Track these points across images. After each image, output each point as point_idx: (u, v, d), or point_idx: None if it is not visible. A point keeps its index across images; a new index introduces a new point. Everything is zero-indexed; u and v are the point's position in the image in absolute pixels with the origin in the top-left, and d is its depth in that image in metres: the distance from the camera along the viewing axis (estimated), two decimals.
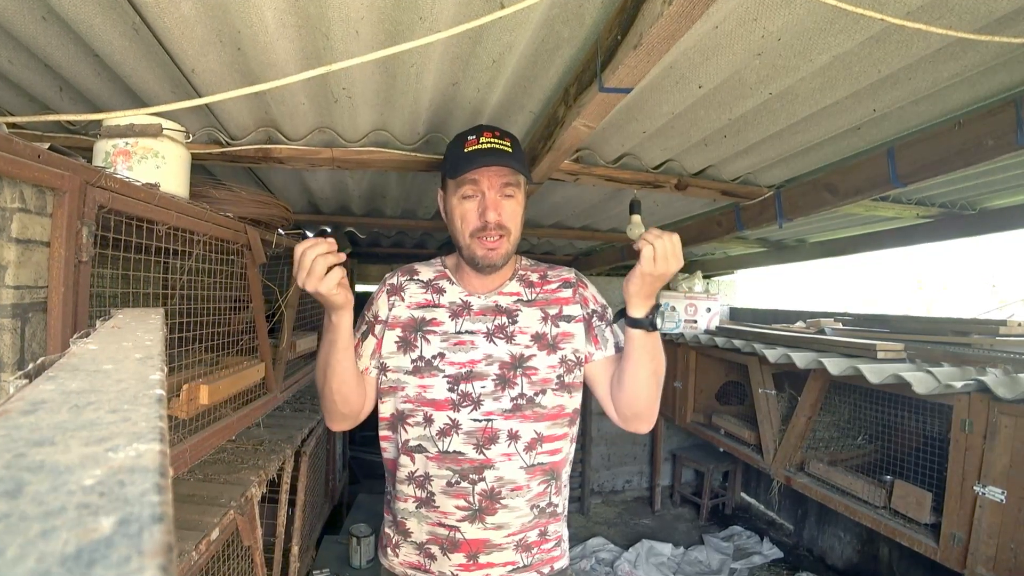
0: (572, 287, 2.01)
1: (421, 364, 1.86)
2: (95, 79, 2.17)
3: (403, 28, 1.75)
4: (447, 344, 1.87)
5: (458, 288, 1.98)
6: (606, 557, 5.66)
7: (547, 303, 1.96)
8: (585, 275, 2.14)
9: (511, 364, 1.85)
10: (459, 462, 1.80)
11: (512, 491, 1.81)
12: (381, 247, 6.59)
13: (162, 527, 0.29)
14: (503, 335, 1.88)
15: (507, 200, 1.83)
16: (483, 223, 1.80)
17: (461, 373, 1.84)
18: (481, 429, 1.80)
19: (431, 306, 1.95)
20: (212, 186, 2.35)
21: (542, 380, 1.86)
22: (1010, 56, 1.83)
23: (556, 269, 2.08)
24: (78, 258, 1.33)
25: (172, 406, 1.75)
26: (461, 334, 1.89)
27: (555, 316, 1.94)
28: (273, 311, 2.81)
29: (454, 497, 1.80)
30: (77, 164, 1.32)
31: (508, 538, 1.82)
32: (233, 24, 1.74)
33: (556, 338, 1.91)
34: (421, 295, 1.97)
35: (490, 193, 1.79)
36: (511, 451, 1.81)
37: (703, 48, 1.87)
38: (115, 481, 0.33)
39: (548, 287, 2.00)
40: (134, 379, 0.57)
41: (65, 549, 0.26)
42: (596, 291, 2.07)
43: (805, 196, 3.05)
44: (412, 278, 2.02)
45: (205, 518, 1.98)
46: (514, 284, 1.99)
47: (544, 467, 1.86)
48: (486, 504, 1.80)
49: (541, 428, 1.85)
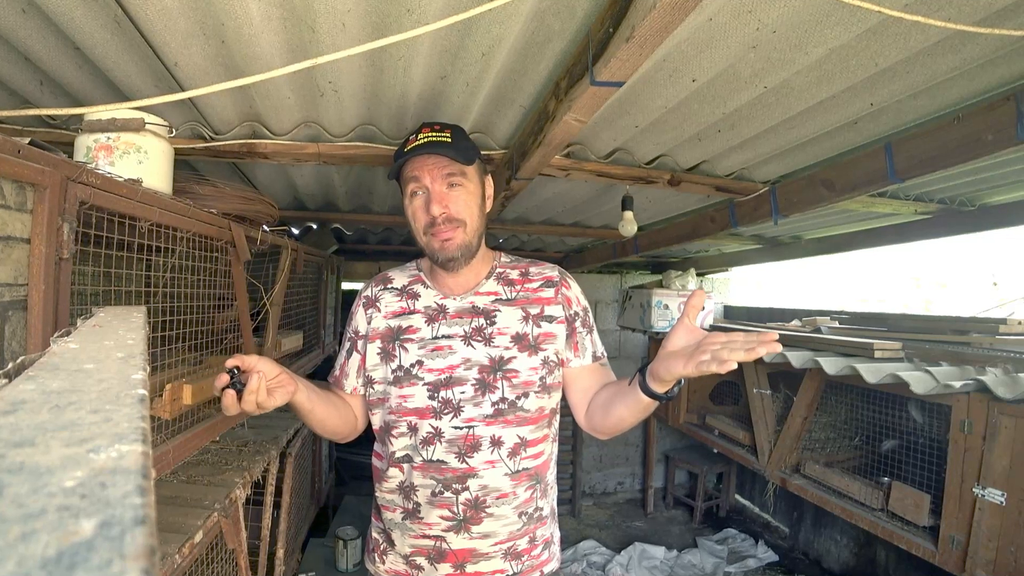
0: (555, 286, 1.97)
1: (400, 373, 1.86)
2: (76, 73, 2.16)
3: (390, 21, 1.75)
4: (424, 351, 1.86)
5: (432, 291, 1.97)
6: (598, 560, 5.67)
7: (528, 302, 1.94)
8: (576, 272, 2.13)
9: (490, 367, 1.83)
10: (442, 471, 1.79)
11: (497, 499, 1.80)
12: (368, 244, 6.58)
13: (145, 530, 0.29)
14: (481, 337, 1.87)
15: (454, 190, 1.82)
16: (430, 218, 1.80)
17: (440, 380, 1.82)
18: (463, 436, 1.79)
19: (406, 313, 1.94)
20: (196, 182, 2.34)
21: (524, 383, 1.84)
22: (1010, 49, 1.84)
23: (539, 266, 2.05)
24: (59, 255, 1.33)
25: (155, 406, 1.74)
26: (438, 339, 1.87)
27: (536, 316, 1.91)
28: (258, 309, 2.80)
29: (438, 507, 1.80)
30: (58, 159, 1.32)
31: (496, 547, 1.82)
32: (217, 16, 1.73)
33: (538, 339, 1.89)
34: (396, 303, 1.97)
35: (434, 186, 1.79)
36: (494, 458, 1.80)
37: (697, 41, 1.87)
38: (96, 483, 0.33)
39: (529, 285, 1.98)
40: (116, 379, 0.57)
41: (45, 552, 0.27)
42: (580, 292, 2.04)
43: (801, 192, 3.05)
44: (386, 287, 2.02)
45: (189, 520, 1.98)
46: (492, 283, 1.97)
47: (529, 472, 1.85)
48: (470, 514, 1.79)
49: (524, 432, 1.83)
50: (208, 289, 2.21)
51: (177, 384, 1.82)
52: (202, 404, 2.05)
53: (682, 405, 5.96)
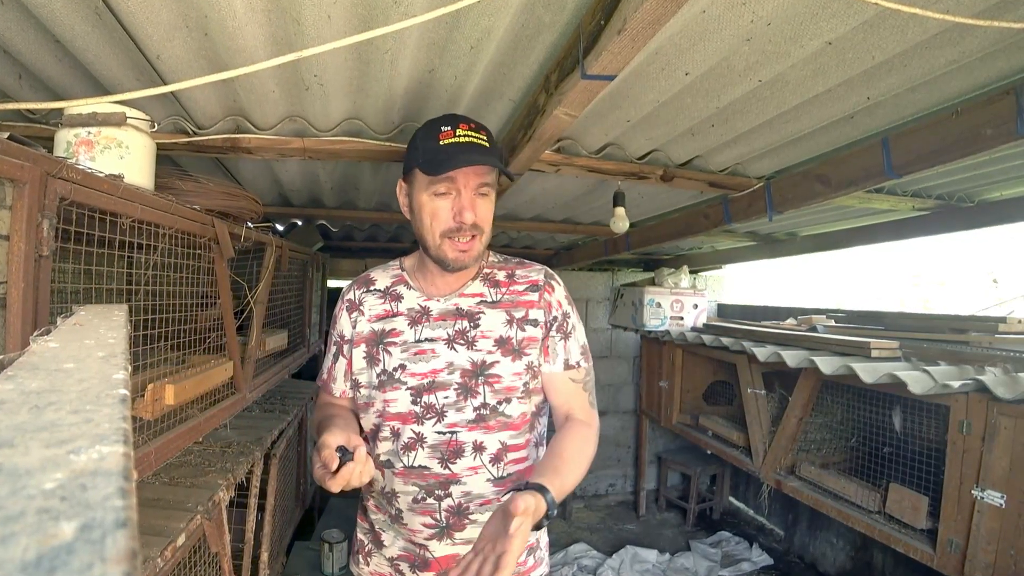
0: (539, 290, 1.94)
1: (384, 378, 1.86)
2: (56, 66, 2.15)
3: (377, 13, 1.75)
4: (407, 355, 1.85)
5: (416, 293, 1.95)
6: (589, 564, 5.67)
7: (513, 305, 1.91)
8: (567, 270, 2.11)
9: (472, 372, 1.82)
10: (424, 477, 1.79)
11: (481, 505, 1.80)
12: (354, 241, 6.58)
13: (126, 533, 0.29)
14: (464, 341, 1.85)
15: (481, 199, 1.79)
16: (458, 224, 1.74)
17: (423, 384, 1.82)
18: (445, 442, 1.78)
19: (390, 316, 1.93)
20: (178, 177, 2.34)
21: (506, 388, 1.82)
22: (1010, 42, 1.85)
23: (526, 267, 2.02)
24: (39, 252, 1.32)
25: (136, 406, 1.74)
26: (421, 343, 1.86)
27: (521, 320, 1.89)
28: (242, 308, 2.80)
29: (420, 514, 1.80)
30: (37, 154, 1.31)
31: None
32: (200, 8, 1.73)
33: (522, 343, 1.87)
34: (379, 306, 1.96)
35: (466, 192, 1.74)
36: (477, 464, 1.79)
37: (690, 33, 1.88)
38: (77, 485, 0.33)
39: (515, 288, 1.95)
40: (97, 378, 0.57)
41: (25, 556, 0.27)
42: (564, 295, 2.00)
43: (796, 188, 3.06)
44: (368, 289, 2.01)
45: (171, 523, 1.97)
46: (477, 284, 1.95)
47: (513, 477, 1.84)
48: (454, 520, 1.79)
49: (506, 438, 1.83)
50: (191, 287, 2.21)
51: (159, 384, 1.82)
52: (185, 404, 2.06)
53: (675, 405, 5.97)
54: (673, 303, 6.16)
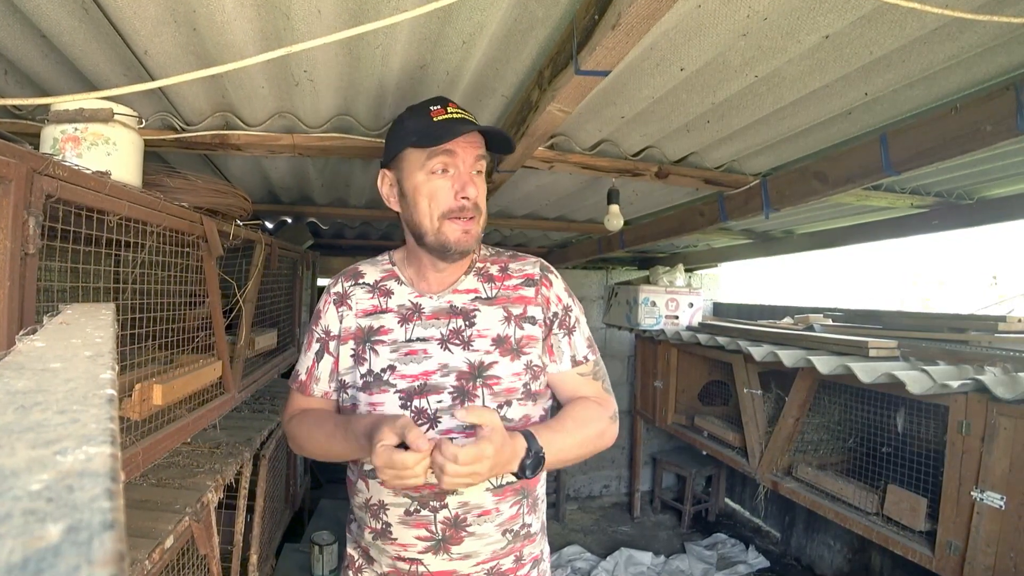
0: (535, 285, 1.87)
1: (370, 379, 1.76)
2: (42, 61, 2.14)
3: (368, 7, 1.75)
4: (397, 355, 1.76)
5: (407, 288, 1.86)
6: (583, 567, 5.68)
7: (509, 301, 1.83)
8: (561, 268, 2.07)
9: (470, 374, 1.73)
10: (417, 488, 1.69)
11: (479, 516, 1.72)
12: (345, 238, 6.57)
13: (113, 535, 0.29)
14: (459, 340, 1.76)
15: (478, 177, 1.75)
16: (460, 202, 1.69)
17: (414, 387, 1.72)
18: None
19: (378, 312, 1.84)
20: (166, 174, 2.33)
21: (506, 390, 1.74)
22: (1010, 37, 1.86)
23: (520, 260, 1.95)
24: (24, 250, 1.32)
25: (124, 407, 1.73)
26: (412, 342, 1.77)
27: (519, 317, 1.81)
28: (231, 306, 2.79)
29: (413, 527, 1.71)
30: (23, 151, 1.30)
31: (478, 567, 1.73)
32: (188, 2, 1.72)
33: (520, 342, 1.79)
34: (368, 301, 1.87)
35: (465, 168, 1.70)
36: None
37: (685, 28, 1.88)
38: (63, 486, 0.33)
39: (509, 283, 1.87)
40: (84, 378, 0.57)
41: (11, 558, 0.27)
42: (562, 288, 1.93)
43: (793, 185, 3.07)
44: (357, 282, 1.92)
45: (159, 525, 1.97)
46: (471, 279, 1.87)
47: (514, 486, 1.77)
48: (450, 533, 1.70)
49: None
50: (179, 285, 2.21)
51: (147, 384, 1.81)
52: (173, 404, 2.05)
53: (670, 406, 5.97)
54: (668, 302, 6.17)
